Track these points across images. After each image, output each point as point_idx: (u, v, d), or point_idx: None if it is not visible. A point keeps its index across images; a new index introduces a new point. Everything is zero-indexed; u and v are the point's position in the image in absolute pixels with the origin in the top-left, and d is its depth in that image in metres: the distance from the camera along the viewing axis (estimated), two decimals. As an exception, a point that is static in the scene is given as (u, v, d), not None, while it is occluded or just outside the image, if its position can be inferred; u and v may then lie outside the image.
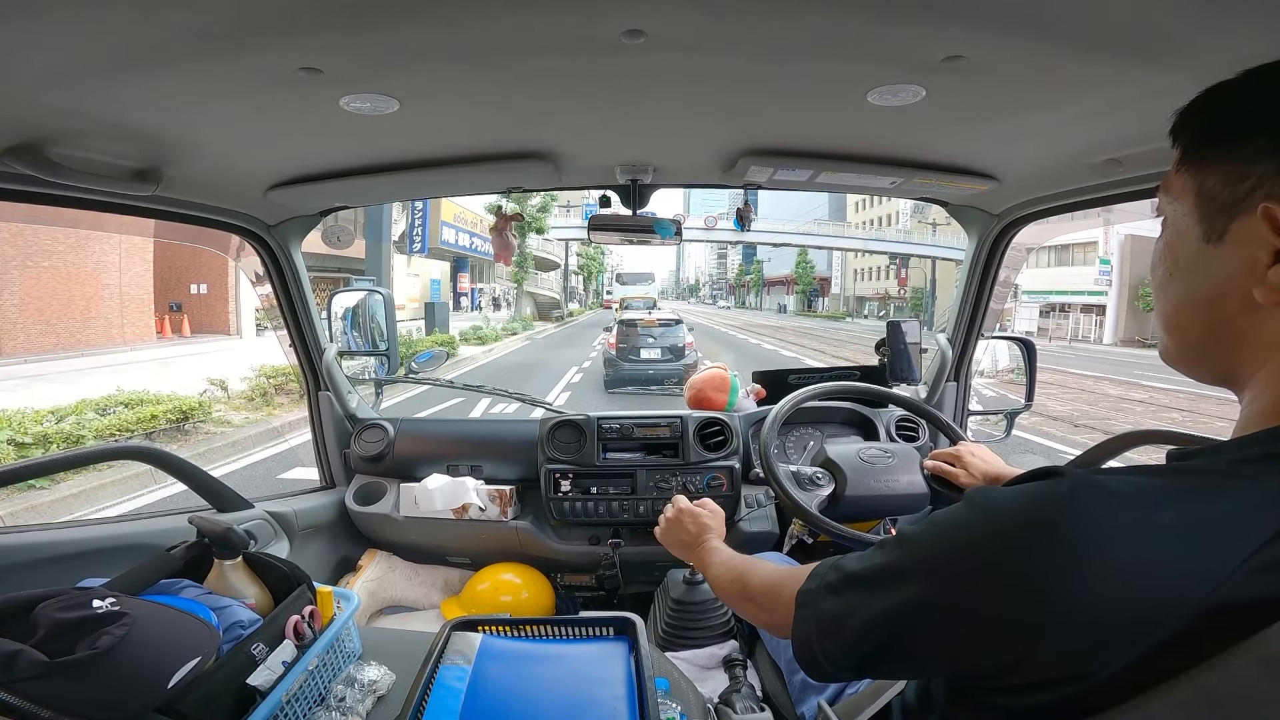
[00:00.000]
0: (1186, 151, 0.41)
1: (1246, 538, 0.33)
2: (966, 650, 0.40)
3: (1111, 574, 0.34)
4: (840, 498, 1.19)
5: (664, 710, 0.79)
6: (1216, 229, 0.38)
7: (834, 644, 0.47)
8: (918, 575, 0.42)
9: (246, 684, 0.69)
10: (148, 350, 10.86)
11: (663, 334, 8.69)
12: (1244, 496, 0.34)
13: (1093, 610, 0.34)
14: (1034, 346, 1.61)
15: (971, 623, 0.39)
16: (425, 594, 1.70)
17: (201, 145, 0.95)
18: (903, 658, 0.45)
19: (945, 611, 0.41)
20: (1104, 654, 0.34)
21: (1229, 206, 0.38)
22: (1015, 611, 0.36)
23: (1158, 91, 0.72)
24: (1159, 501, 0.35)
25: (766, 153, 1.10)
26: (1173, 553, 0.34)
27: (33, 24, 0.58)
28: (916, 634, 0.43)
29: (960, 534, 0.42)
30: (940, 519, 0.44)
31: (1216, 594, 0.32)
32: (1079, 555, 0.35)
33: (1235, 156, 0.37)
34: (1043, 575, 0.35)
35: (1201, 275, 0.40)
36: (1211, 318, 0.40)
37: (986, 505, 0.41)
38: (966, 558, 0.40)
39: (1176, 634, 0.33)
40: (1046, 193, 1.24)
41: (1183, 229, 0.41)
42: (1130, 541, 0.34)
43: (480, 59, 0.72)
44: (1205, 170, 0.39)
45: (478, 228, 22.24)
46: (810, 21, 0.64)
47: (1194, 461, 0.39)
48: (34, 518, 3.61)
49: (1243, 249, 0.37)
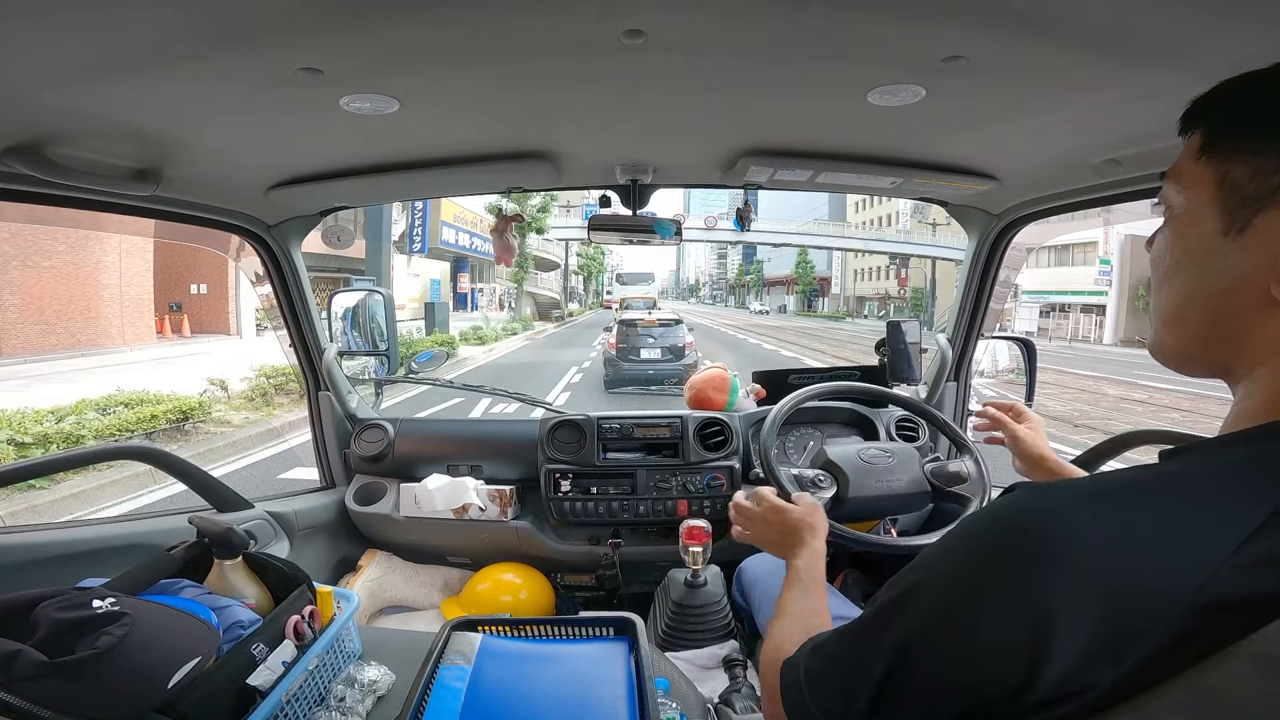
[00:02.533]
0: (1210, 140, 0.39)
1: (1228, 536, 0.33)
2: (971, 675, 0.38)
3: (1098, 579, 0.34)
4: (843, 499, 1.20)
5: (664, 710, 0.79)
6: (1238, 222, 0.37)
7: (830, 701, 0.46)
8: (911, 606, 0.41)
9: (246, 684, 0.69)
10: (148, 350, 10.87)
11: (663, 334, 8.69)
12: (1224, 494, 0.34)
13: (1084, 617, 0.33)
14: (1034, 346, 1.61)
15: (971, 644, 0.37)
16: (425, 594, 1.70)
17: (201, 145, 0.95)
18: (907, 694, 0.41)
19: (945, 637, 0.39)
20: (1103, 661, 0.33)
21: (1256, 199, 0.36)
22: (1011, 628, 0.35)
23: (1158, 91, 0.72)
24: (1140, 504, 0.35)
25: (766, 153, 1.10)
26: (1157, 554, 0.33)
27: (33, 24, 0.58)
28: (917, 667, 0.40)
29: (947, 559, 0.41)
30: (927, 554, 0.43)
31: (1204, 592, 0.32)
32: (1064, 563, 0.34)
33: (1270, 149, 0.36)
34: (1031, 587, 0.35)
35: (1217, 268, 0.39)
36: (1220, 311, 0.39)
37: (971, 525, 0.41)
38: (956, 581, 0.40)
39: (1171, 635, 0.32)
40: (1046, 193, 1.24)
41: (1198, 219, 0.40)
42: (1114, 545, 0.34)
43: (480, 59, 0.72)
44: (1232, 160, 0.38)
45: (478, 228, 22.25)
46: (810, 22, 0.64)
47: (1176, 460, 0.39)
48: (34, 518, 3.61)
49: (1266, 244, 0.36)
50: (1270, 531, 0.32)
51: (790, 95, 0.84)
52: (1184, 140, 0.42)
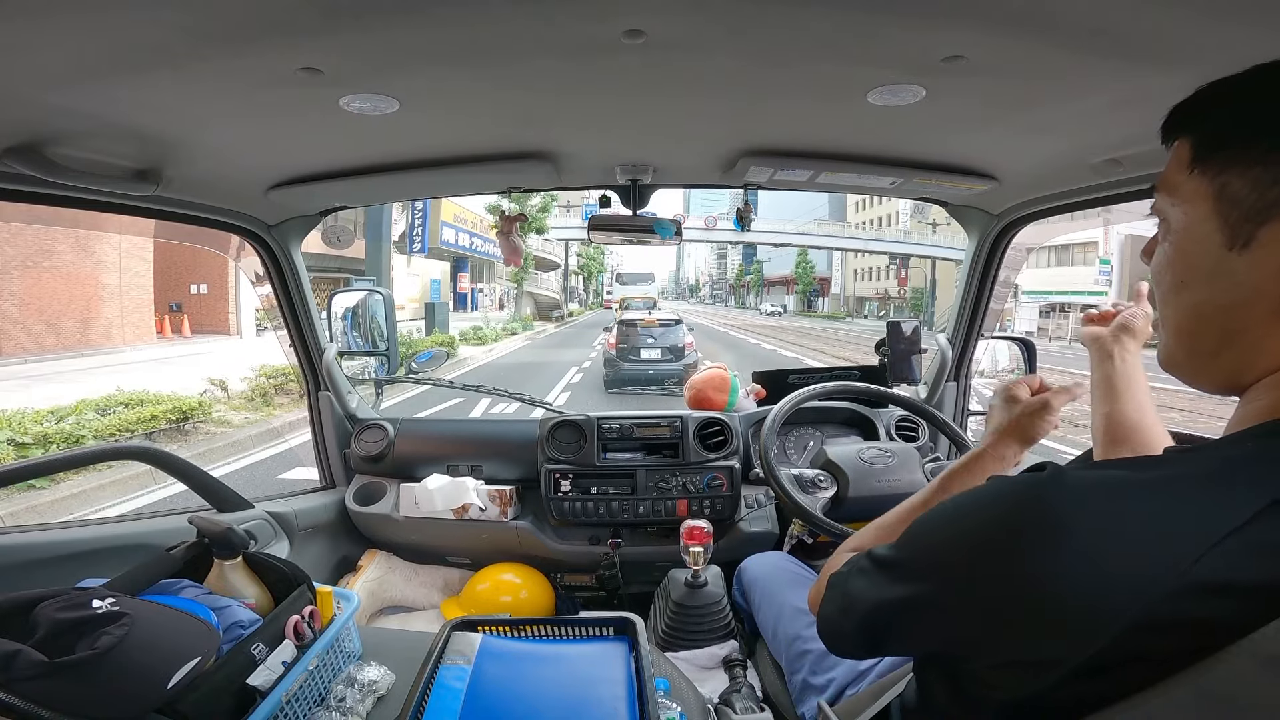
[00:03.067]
0: (1201, 151, 0.39)
1: (1220, 524, 0.33)
2: (957, 634, 0.42)
3: (1082, 558, 0.35)
4: (843, 499, 1.20)
5: (664, 710, 0.79)
6: (1242, 236, 0.37)
7: (850, 622, 0.51)
8: (916, 571, 0.45)
9: (246, 684, 0.69)
10: (147, 350, 10.86)
11: (663, 334, 8.69)
12: (1222, 485, 0.35)
13: (1064, 593, 0.35)
14: (1034, 346, 1.61)
15: (963, 611, 0.41)
16: (425, 594, 1.70)
17: (201, 145, 0.95)
18: (900, 639, 0.48)
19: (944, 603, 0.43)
20: (1078, 638, 0.34)
21: (1258, 212, 0.36)
22: (1000, 595, 0.38)
23: (1158, 92, 0.72)
24: (1135, 494, 0.36)
25: (766, 153, 1.10)
26: (1150, 539, 0.34)
27: (33, 24, 0.58)
28: (912, 623, 0.46)
29: (951, 529, 0.44)
30: (935, 516, 0.46)
31: (1187, 577, 0.33)
32: (1053, 539, 0.36)
33: (1270, 160, 0.35)
34: (1028, 562, 0.36)
35: (1224, 283, 0.38)
36: (1229, 325, 0.39)
37: (974, 499, 0.43)
38: (958, 551, 0.42)
39: (1146, 617, 0.33)
40: (1046, 193, 1.24)
41: (1199, 235, 0.39)
42: (1102, 527, 0.35)
43: (480, 59, 0.72)
44: (1227, 173, 0.37)
45: (478, 228, 22.23)
46: (810, 22, 0.64)
47: (1181, 454, 0.39)
48: (34, 518, 3.61)
49: (1273, 255, 0.36)
50: (1265, 521, 0.33)
51: (790, 95, 0.84)
52: (1167, 148, 0.42)
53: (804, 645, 1.02)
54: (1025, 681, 0.37)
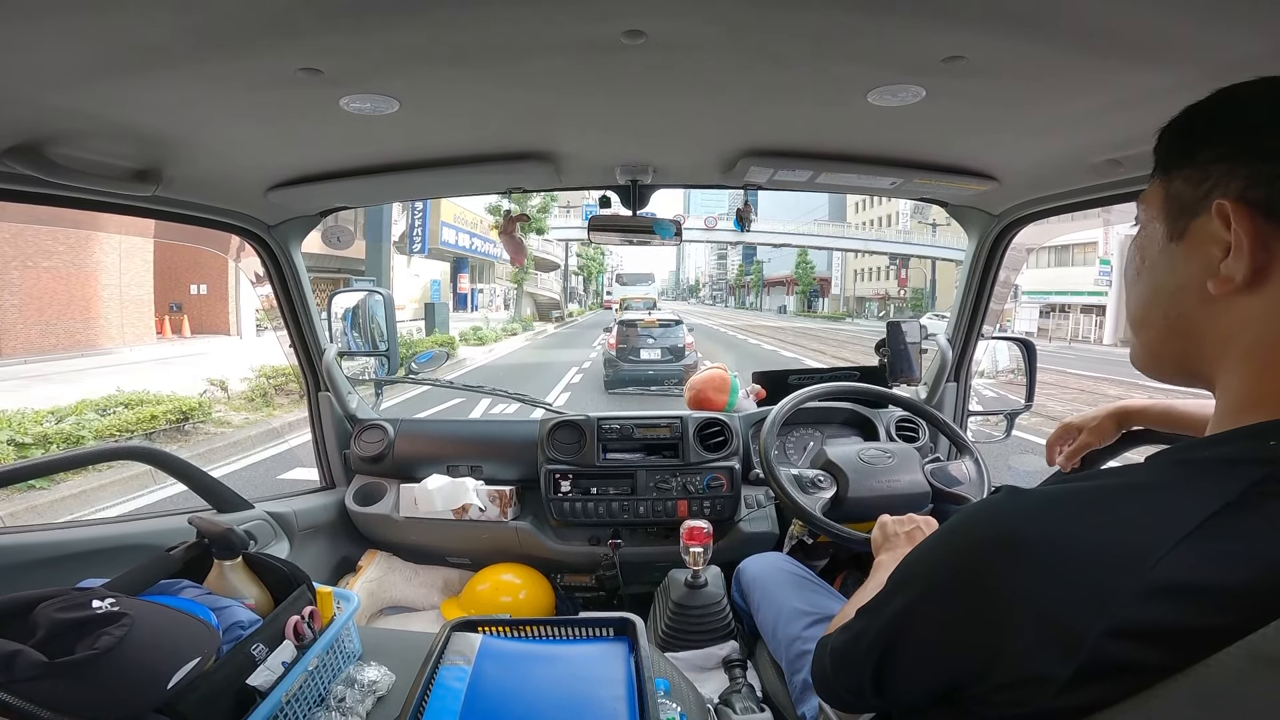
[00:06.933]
0: (1159, 163, 0.44)
1: (1175, 530, 0.35)
2: (947, 653, 0.43)
3: (1041, 569, 0.37)
4: (843, 500, 1.20)
5: (664, 710, 0.79)
6: (1179, 228, 0.42)
7: (847, 672, 0.53)
8: (903, 590, 0.48)
9: (246, 684, 0.68)
10: (147, 350, 10.86)
11: (663, 334, 8.69)
12: (1182, 493, 0.37)
13: (1040, 613, 0.36)
14: (1034, 347, 1.61)
15: (949, 626, 0.42)
16: (425, 594, 1.70)
17: (201, 145, 0.95)
18: (896, 665, 0.48)
19: (923, 622, 0.45)
20: (1058, 653, 0.35)
21: (1190, 206, 0.41)
22: (975, 620, 0.40)
23: (1158, 91, 0.72)
24: (1090, 503, 0.39)
25: (766, 153, 1.10)
26: (1110, 550, 0.36)
27: (33, 24, 0.58)
28: (906, 639, 0.47)
29: (936, 551, 0.47)
30: (926, 542, 0.49)
31: (1145, 581, 0.34)
32: (1012, 554, 0.38)
33: (1198, 161, 0.40)
34: (998, 585, 0.39)
35: (1164, 271, 0.43)
36: (1170, 311, 0.43)
37: (957, 522, 0.46)
38: (936, 572, 0.45)
39: (1118, 625, 0.34)
40: (1046, 193, 1.24)
41: (1151, 231, 0.45)
42: (1054, 538, 0.37)
43: (480, 59, 0.72)
44: (1172, 176, 0.43)
45: (478, 228, 22.23)
46: (810, 22, 0.64)
47: (1147, 464, 0.42)
48: (34, 518, 3.61)
49: (1200, 245, 0.40)
50: (1215, 525, 0.34)
51: (790, 96, 0.84)
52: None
53: (804, 645, 1.02)
54: (1021, 700, 0.38)
